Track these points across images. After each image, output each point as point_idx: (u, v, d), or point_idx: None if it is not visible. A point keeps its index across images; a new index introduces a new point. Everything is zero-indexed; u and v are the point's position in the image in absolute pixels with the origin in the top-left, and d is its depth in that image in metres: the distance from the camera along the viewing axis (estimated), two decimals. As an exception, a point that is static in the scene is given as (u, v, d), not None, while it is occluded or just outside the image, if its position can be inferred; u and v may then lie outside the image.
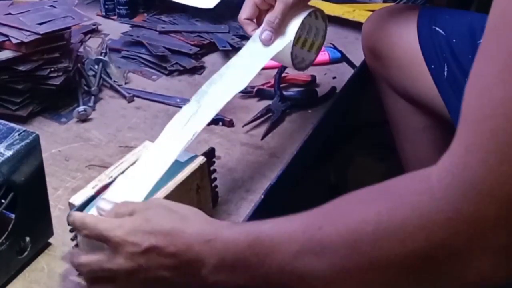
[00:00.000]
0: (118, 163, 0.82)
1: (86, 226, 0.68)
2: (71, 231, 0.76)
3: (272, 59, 0.99)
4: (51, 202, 0.81)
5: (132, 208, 0.68)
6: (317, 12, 1.00)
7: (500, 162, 0.47)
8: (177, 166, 0.81)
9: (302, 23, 0.96)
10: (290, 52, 0.96)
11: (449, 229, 0.49)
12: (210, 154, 0.85)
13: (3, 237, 0.74)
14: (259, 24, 0.99)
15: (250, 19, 0.99)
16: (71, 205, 0.77)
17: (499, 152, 0.47)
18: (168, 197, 0.76)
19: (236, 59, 0.96)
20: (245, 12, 0.99)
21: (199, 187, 0.83)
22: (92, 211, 0.75)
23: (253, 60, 0.95)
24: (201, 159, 0.83)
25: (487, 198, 0.47)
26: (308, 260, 0.57)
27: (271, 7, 0.96)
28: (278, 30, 0.95)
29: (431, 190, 0.51)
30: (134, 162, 0.81)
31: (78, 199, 0.77)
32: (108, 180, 0.79)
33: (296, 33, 0.95)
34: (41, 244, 0.81)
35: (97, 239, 0.67)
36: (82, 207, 0.75)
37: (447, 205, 0.49)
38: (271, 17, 0.95)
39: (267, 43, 0.96)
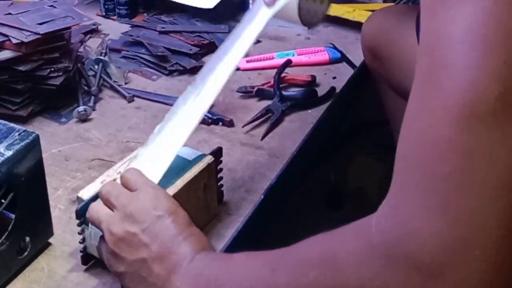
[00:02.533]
0: (126, 159, 0.83)
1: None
2: (78, 225, 0.76)
3: (280, 18, 0.91)
4: (51, 202, 0.81)
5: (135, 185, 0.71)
6: None
7: (432, 197, 0.45)
8: (185, 164, 0.82)
9: None
10: (297, 7, 0.89)
11: (384, 276, 0.47)
12: (217, 154, 0.86)
13: (3, 237, 0.74)
14: None
15: None
16: (79, 199, 0.77)
17: (427, 188, 0.46)
18: (176, 195, 0.76)
19: (240, 26, 0.89)
20: None
21: (206, 186, 0.83)
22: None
23: (258, 21, 0.88)
24: (209, 158, 0.84)
25: (420, 241, 0.45)
26: None
27: None
28: None
29: (370, 236, 0.49)
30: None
31: (86, 193, 0.77)
32: (116, 175, 0.79)
33: None
34: (41, 244, 0.81)
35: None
36: (90, 201, 0.76)
37: (383, 251, 0.47)
38: None
39: (271, 3, 0.87)
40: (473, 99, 0.44)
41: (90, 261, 0.79)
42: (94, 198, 0.76)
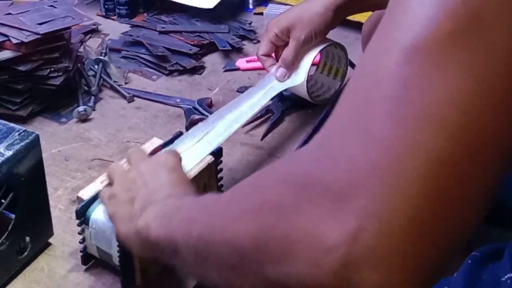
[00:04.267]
0: (124, 160, 0.83)
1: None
2: (78, 225, 0.76)
3: (292, 91, 1.07)
4: (51, 202, 0.81)
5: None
6: (334, 44, 1.06)
7: (356, 119, 0.44)
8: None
9: (322, 54, 1.04)
10: (306, 90, 1.03)
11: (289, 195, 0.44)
12: (217, 154, 0.86)
13: (3, 237, 0.74)
14: (277, 58, 1.04)
15: (267, 55, 1.04)
16: (79, 199, 0.77)
17: (353, 114, 0.44)
18: None
19: (252, 91, 1.00)
20: (261, 49, 1.04)
21: (206, 186, 0.83)
22: (101, 205, 0.75)
23: (268, 92, 1.01)
24: (209, 158, 0.84)
25: (333, 163, 0.43)
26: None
27: (288, 43, 1.01)
28: (292, 66, 1.02)
29: (294, 160, 0.49)
30: None
31: (86, 193, 0.77)
32: None
33: (308, 70, 1.02)
34: (41, 244, 0.81)
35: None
36: (91, 201, 0.76)
37: (304, 168, 0.45)
38: (285, 54, 1.01)
39: (282, 79, 1.02)
40: (423, 34, 0.43)
41: (90, 261, 0.79)
42: (94, 198, 0.76)
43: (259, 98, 0.98)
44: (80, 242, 0.78)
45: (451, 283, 0.60)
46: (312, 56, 1.02)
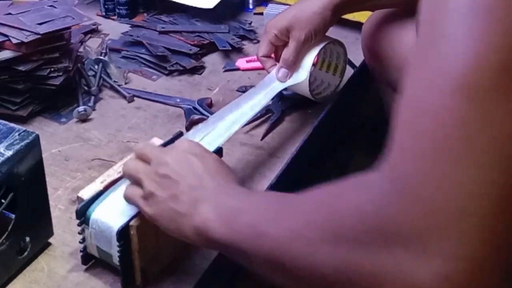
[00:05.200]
0: (126, 159, 0.83)
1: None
2: (78, 225, 0.76)
3: (293, 90, 1.07)
4: (51, 202, 0.81)
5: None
6: (333, 41, 1.06)
7: (430, 164, 0.45)
8: None
9: (320, 52, 1.03)
10: (308, 88, 1.04)
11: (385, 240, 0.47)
12: (217, 153, 0.86)
13: (3, 237, 0.74)
14: (277, 58, 1.05)
15: (267, 56, 1.05)
16: (79, 199, 0.77)
17: (427, 153, 0.46)
18: None
19: (253, 92, 1.01)
20: (261, 50, 1.05)
21: None
22: (101, 205, 0.75)
23: (269, 92, 1.01)
24: None
25: (420, 203, 0.45)
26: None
27: (287, 42, 1.02)
28: (293, 66, 1.02)
29: (367, 199, 0.49)
30: None
31: (86, 193, 0.77)
32: (116, 175, 0.79)
33: (311, 71, 1.02)
34: (41, 244, 0.81)
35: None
36: (91, 201, 0.76)
37: (385, 211, 0.47)
38: (285, 54, 1.01)
39: (283, 80, 1.02)
40: (474, 70, 0.44)
41: (90, 261, 0.79)
42: (94, 198, 0.76)
43: (260, 99, 0.99)
44: (80, 242, 0.78)
45: None
46: (313, 54, 1.02)
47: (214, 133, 0.88)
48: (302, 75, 1.02)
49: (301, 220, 0.55)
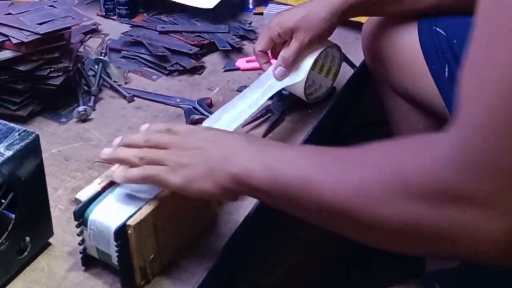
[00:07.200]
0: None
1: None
2: (77, 226, 0.76)
3: (286, 89, 1.07)
4: (51, 202, 0.81)
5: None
6: (331, 45, 1.07)
7: (501, 137, 0.49)
8: None
9: (320, 55, 1.03)
10: (303, 89, 1.04)
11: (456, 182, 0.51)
12: None
13: (3, 237, 0.73)
14: (273, 55, 1.05)
15: (264, 52, 1.05)
16: (77, 201, 0.77)
17: (498, 128, 0.50)
18: (176, 195, 0.76)
19: (249, 90, 1.01)
20: (259, 45, 1.04)
21: None
22: (99, 206, 0.75)
23: (266, 91, 1.01)
24: None
25: (490, 171, 0.50)
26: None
27: (287, 41, 1.02)
28: (292, 66, 1.02)
29: (439, 158, 0.53)
30: None
31: (84, 195, 0.77)
32: None
33: (308, 73, 1.02)
34: (41, 244, 0.81)
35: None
36: (89, 202, 0.76)
37: (456, 173, 0.51)
38: (286, 54, 1.01)
39: (280, 78, 1.02)
40: None
41: (90, 262, 0.79)
42: (92, 199, 0.76)
43: (257, 97, 0.99)
44: (79, 244, 0.77)
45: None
46: (313, 57, 1.02)
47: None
48: (299, 76, 1.02)
49: (363, 175, 0.57)
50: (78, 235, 0.77)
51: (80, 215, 0.75)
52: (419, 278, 0.79)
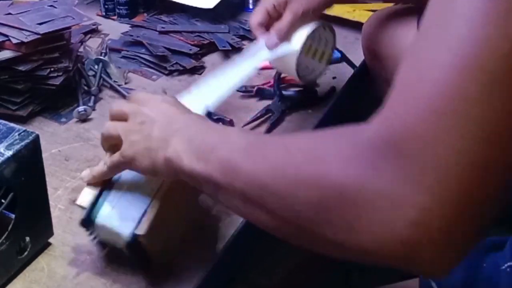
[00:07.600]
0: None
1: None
2: (88, 233, 0.78)
3: (278, 69, 1.05)
4: (51, 202, 0.81)
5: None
6: (325, 25, 1.04)
7: (424, 126, 0.48)
8: None
9: (311, 34, 1.00)
10: (295, 62, 1.00)
11: (375, 166, 0.50)
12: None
13: (3, 237, 0.74)
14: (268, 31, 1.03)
15: (261, 25, 1.03)
16: (81, 207, 0.77)
17: (422, 116, 0.48)
18: (176, 195, 0.77)
19: (240, 58, 0.98)
20: (256, 17, 1.03)
21: None
22: (103, 209, 0.75)
23: (255, 60, 0.99)
24: None
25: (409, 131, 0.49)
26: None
27: (281, 16, 1.00)
28: (285, 38, 0.99)
29: (361, 135, 0.53)
30: None
31: (84, 200, 0.77)
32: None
33: (303, 44, 0.99)
34: (41, 244, 0.81)
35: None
36: (92, 207, 0.76)
37: (372, 163, 0.50)
38: (280, 24, 0.99)
39: (272, 47, 1.00)
40: (483, 53, 0.46)
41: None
42: (94, 203, 0.76)
43: (247, 65, 0.98)
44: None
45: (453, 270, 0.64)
46: (307, 30, 1.00)
47: (199, 97, 0.88)
48: (294, 45, 1.00)
49: (283, 159, 0.56)
50: (92, 239, 0.79)
51: (88, 223, 0.76)
52: (417, 277, 0.79)
